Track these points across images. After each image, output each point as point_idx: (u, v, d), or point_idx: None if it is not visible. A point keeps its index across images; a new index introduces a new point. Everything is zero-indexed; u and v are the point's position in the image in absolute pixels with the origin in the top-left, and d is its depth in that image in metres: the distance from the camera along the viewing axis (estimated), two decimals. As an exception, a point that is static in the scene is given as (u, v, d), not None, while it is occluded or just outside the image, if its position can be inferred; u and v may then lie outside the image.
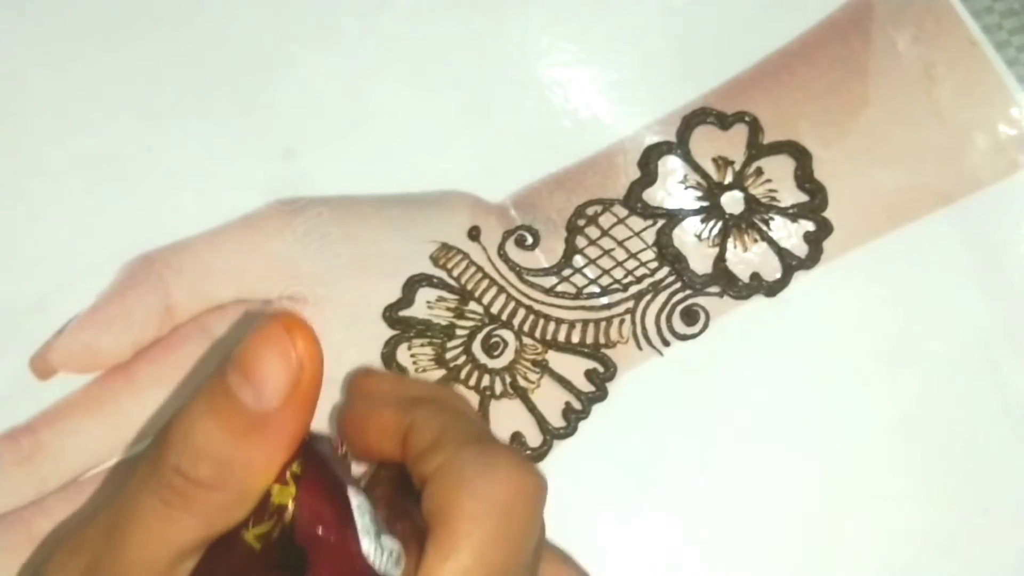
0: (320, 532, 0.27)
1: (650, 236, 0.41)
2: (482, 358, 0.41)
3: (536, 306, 0.41)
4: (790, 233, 0.41)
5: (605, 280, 0.41)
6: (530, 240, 0.41)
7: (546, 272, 0.41)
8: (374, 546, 0.27)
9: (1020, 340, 0.41)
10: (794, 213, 0.41)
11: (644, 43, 0.42)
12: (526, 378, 0.41)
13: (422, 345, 0.40)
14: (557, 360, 0.41)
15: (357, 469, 0.35)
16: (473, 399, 0.40)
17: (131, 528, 0.28)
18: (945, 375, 0.41)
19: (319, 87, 0.41)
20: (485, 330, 0.41)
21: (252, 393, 0.27)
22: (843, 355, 0.41)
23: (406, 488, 0.30)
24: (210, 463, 0.27)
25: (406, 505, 0.30)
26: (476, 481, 0.29)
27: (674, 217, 0.41)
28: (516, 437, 0.40)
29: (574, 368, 0.41)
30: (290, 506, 0.27)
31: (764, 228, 0.41)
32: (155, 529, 0.28)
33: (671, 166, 0.41)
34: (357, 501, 0.28)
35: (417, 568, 0.28)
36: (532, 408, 0.40)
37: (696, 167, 0.41)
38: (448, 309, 0.41)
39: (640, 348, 0.41)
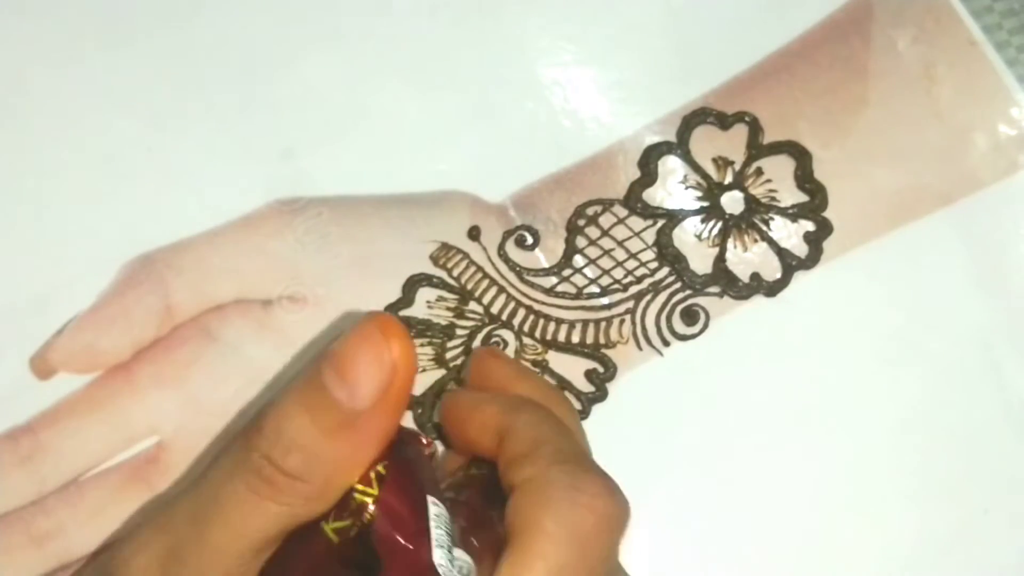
0: (396, 537, 0.27)
1: (650, 236, 0.41)
2: (482, 358, 0.41)
3: (536, 306, 0.41)
4: (790, 233, 0.41)
5: (605, 280, 0.41)
6: (530, 240, 0.41)
7: (546, 272, 0.41)
8: (446, 559, 0.27)
9: (1020, 340, 0.41)
10: (794, 213, 0.41)
11: (644, 43, 0.42)
12: (526, 378, 0.41)
13: (422, 345, 0.40)
14: (557, 360, 0.41)
15: (452, 461, 0.35)
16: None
17: (216, 513, 0.28)
18: (945, 375, 0.41)
19: (319, 87, 0.41)
20: (485, 330, 0.41)
21: (346, 392, 0.28)
22: (843, 355, 0.41)
23: (494, 493, 0.31)
24: (300, 455, 0.28)
25: (490, 513, 0.31)
26: (561, 503, 0.29)
27: (674, 217, 0.41)
28: (516, 437, 0.40)
29: (574, 368, 0.41)
30: (370, 506, 0.28)
31: (764, 228, 0.41)
32: (240, 515, 0.28)
33: (671, 166, 0.41)
34: (436, 510, 0.28)
35: None
36: (532, 408, 0.40)
37: (696, 167, 0.41)
38: (448, 309, 0.41)
39: (640, 348, 0.41)
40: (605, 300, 0.41)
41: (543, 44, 0.41)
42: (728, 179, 0.41)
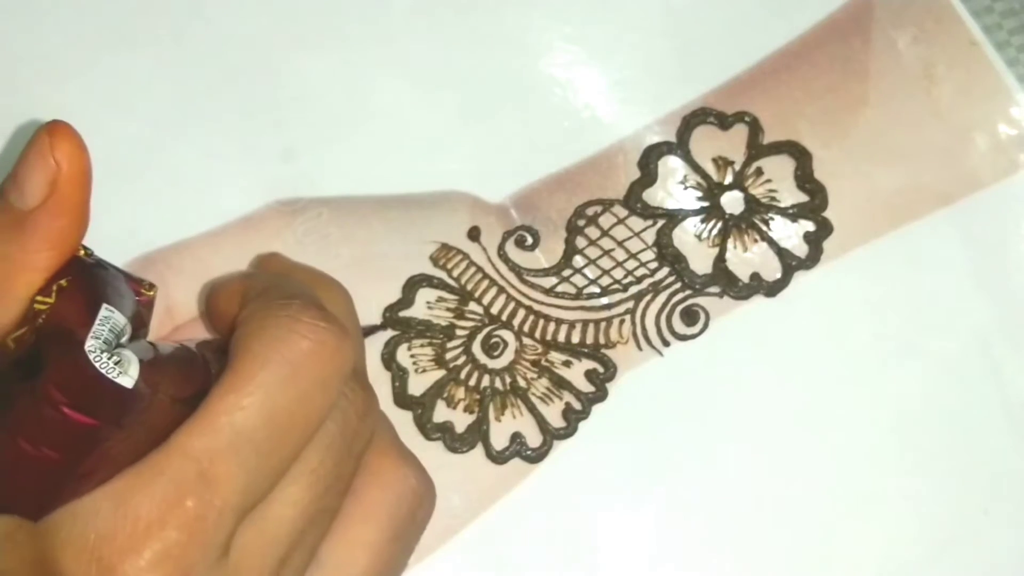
0: (56, 332, 0.28)
1: (650, 236, 0.41)
2: (482, 358, 0.41)
3: (536, 306, 0.41)
4: (790, 233, 0.41)
5: (605, 280, 0.41)
6: (530, 240, 0.41)
7: (546, 272, 0.41)
8: (100, 347, 0.27)
9: (1020, 340, 0.41)
10: (794, 213, 0.41)
11: (644, 43, 0.42)
12: (526, 378, 0.41)
13: (422, 345, 0.40)
14: (557, 360, 0.41)
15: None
16: (473, 399, 0.40)
17: None
18: (945, 375, 0.41)
19: (319, 87, 0.41)
20: (485, 330, 0.41)
21: (16, 193, 0.29)
22: (843, 355, 0.41)
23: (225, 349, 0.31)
24: None
25: (206, 354, 0.31)
26: (275, 329, 0.30)
27: (674, 217, 0.41)
28: (516, 437, 0.40)
29: (574, 368, 0.41)
30: (45, 313, 0.28)
31: (764, 228, 0.41)
32: None
33: (671, 166, 0.41)
34: (107, 314, 0.28)
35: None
36: (532, 408, 0.40)
37: (696, 167, 0.41)
38: (448, 309, 0.41)
39: (640, 348, 0.41)
40: (605, 300, 0.41)
41: (543, 44, 0.41)
42: (728, 179, 0.41)
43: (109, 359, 0.27)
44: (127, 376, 0.27)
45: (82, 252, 0.30)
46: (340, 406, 0.31)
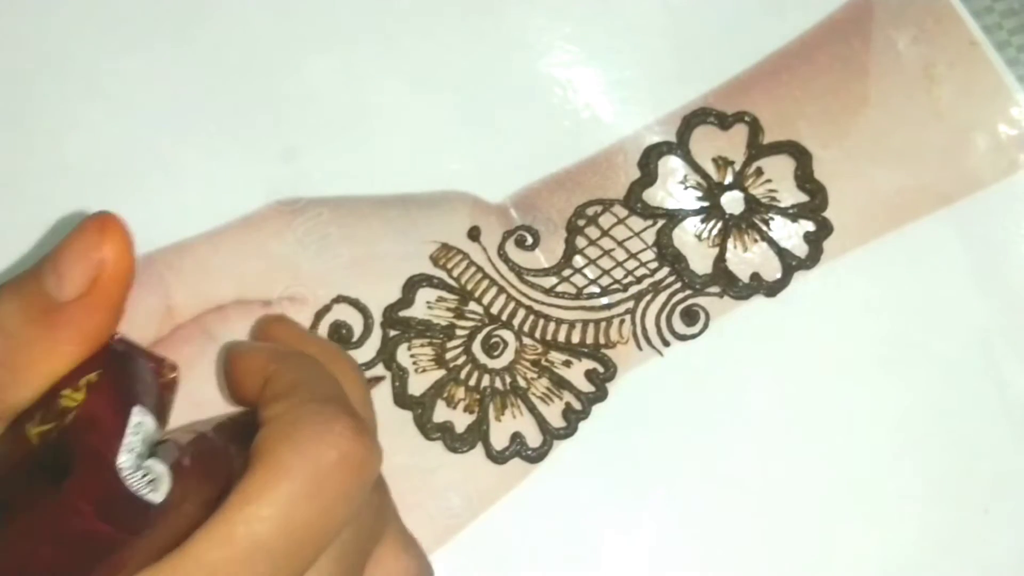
0: (87, 438, 0.27)
1: (650, 236, 0.41)
2: (482, 358, 0.41)
3: (536, 306, 0.41)
4: (790, 233, 0.41)
5: (605, 280, 0.41)
6: (530, 240, 0.41)
7: (546, 272, 0.41)
8: (133, 463, 0.27)
9: (1020, 340, 0.41)
10: (794, 213, 0.41)
11: (644, 43, 0.42)
12: (526, 378, 0.41)
13: (422, 345, 0.40)
14: (557, 360, 0.41)
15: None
16: (473, 399, 0.40)
17: None
18: (945, 375, 0.41)
19: (319, 87, 0.41)
20: (485, 330, 0.41)
21: (54, 281, 0.28)
22: (843, 355, 0.41)
23: (248, 436, 0.30)
24: (1, 337, 0.28)
25: (230, 447, 0.30)
26: (303, 436, 0.29)
27: (674, 217, 0.41)
28: (516, 437, 0.40)
29: (574, 368, 0.41)
30: (73, 411, 0.28)
31: (764, 228, 0.41)
32: None
33: (671, 166, 0.41)
34: (139, 420, 0.28)
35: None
36: (532, 408, 0.40)
37: (696, 167, 0.41)
38: (448, 309, 0.41)
39: (640, 348, 0.41)
40: (605, 300, 0.41)
41: (543, 44, 0.41)
42: (728, 179, 0.41)
43: (141, 477, 0.27)
44: (156, 493, 0.27)
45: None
46: (359, 513, 0.30)
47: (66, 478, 0.26)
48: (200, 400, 0.39)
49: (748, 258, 0.41)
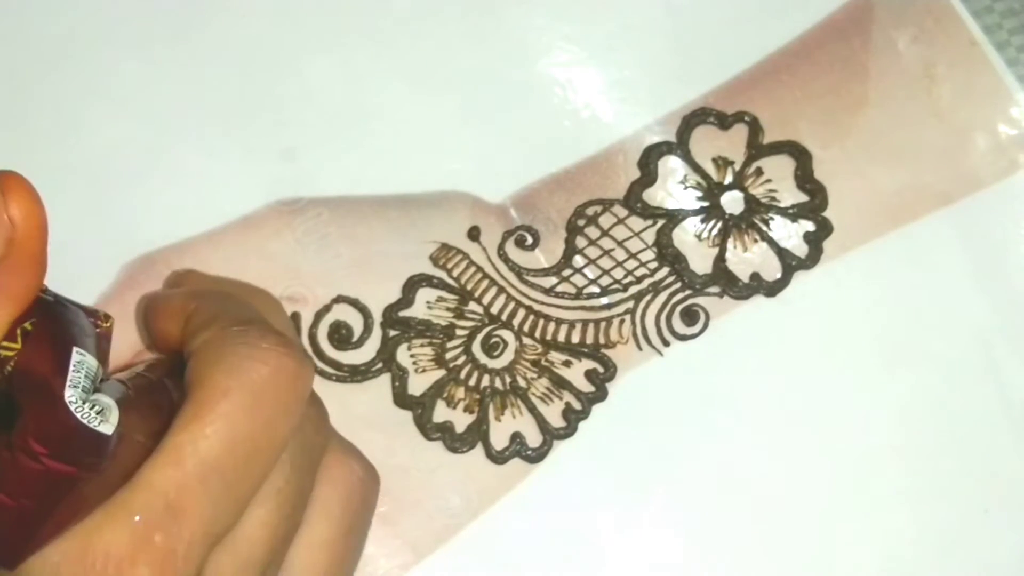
0: (31, 381, 0.27)
1: (650, 236, 0.41)
2: (482, 358, 0.41)
3: (536, 306, 0.41)
4: (790, 233, 0.41)
5: (605, 280, 0.41)
6: (530, 240, 0.41)
7: (546, 272, 0.41)
8: (80, 397, 0.27)
9: (1020, 340, 0.41)
10: (794, 213, 0.41)
11: (644, 43, 0.42)
12: (526, 378, 0.41)
13: (422, 345, 0.40)
14: (557, 360, 0.41)
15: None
16: (473, 399, 0.40)
17: None
18: (945, 375, 0.41)
19: (319, 88, 0.41)
20: (485, 330, 0.41)
21: None
22: (843, 355, 0.41)
23: (180, 373, 0.31)
24: None
25: (165, 381, 0.31)
26: (232, 357, 0.29)
27: (674, 217, 0.41)
28: (516, 437, 0.40)
29: (574, 368, 0.41)
30: (12, 360, 0.28)
31: (764, 228, 0.41)
32: None
33: (671, 166, 0.41)
34: (79, 358, 0.28)
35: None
36: (532, 408, 0.40)
37: (696, 167, 0.41)
38: (448, 309, 0.41)
39: (640, 348, 0.41)
40: (605, 300, 0.41)
41: (543, 44, 0.41)
42: (728, 179, 0.41)
43: (90, 408, 0.27)
44: (108, 424, 0.27)
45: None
46: (302, 426, 0.31)
47: (15, 423, 0.26)
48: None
49: (748, 258, 0.41)
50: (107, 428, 0.27)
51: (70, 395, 0.27)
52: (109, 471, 0.28)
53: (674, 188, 0.41)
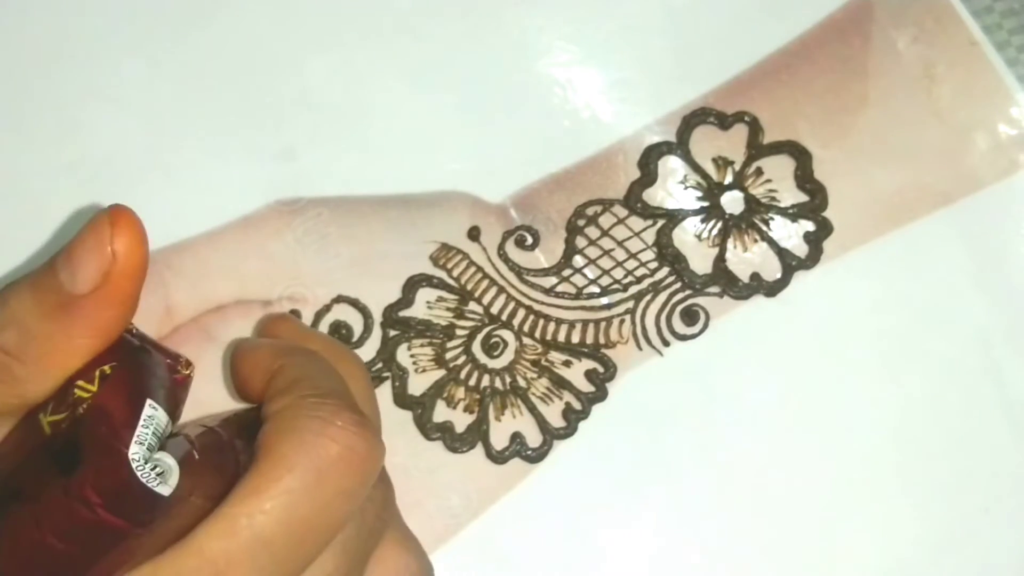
0: (100, 429, 0.27)
1: (650, 236, 0.41)
2: (482, 358, 0.41)
3: (536, 306, 0.41)
4: (790, 233, 0.41)
5: (605, 280, 0.41)
6: (530, 240, 0.41)
7: (546, 272, 0.41)
8: (144, 456, 0.27)
9: (1020, 340, 0.41)
10: (794, 213, 0.41)
11: (644, 43, 0.42)
12: (526, 378, 0.41)
13: (422, 345, 0.40)
14: (557, 360, 0.41)
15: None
16: (473, 399, 0.40)
17: None
18: (945, 375, 0.41)
19: (319, 87, 0.41)
20: (485, 330, 0.41)
21: (68, 274, 0.28)
22: (843, 355, 0.41)
23: (253, 431, 0.30)
24: (16, 331, 0.28)
25: (235, 441, 0.31)
26: (305, 431, 0.29)
27: (674, 217, 0.41)
28: (516, 437, 0.40)
29: (574, 368, 0.41)
30: (86, 402, 0.28)
31: (764, 228, 0.41)
32: None
33: (671, 166, 0.41)
34: (151, 413, 0.28)
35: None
36: (532, 408, 0.40)
37: (696, 167, 0.41)
38: (448, 309, 0.41)
39: (640, 348, 0.41)
40: (605, 300, 0.41)
41: (543, 44, 0.41)
42: (728, 179, 0.41)
43: (152, 469, 0.27)
44: (166, 486, 0.27)
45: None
46: (362, 508, 0.30)
47: (76, 468, 0.26)
48: (201, 398, 0.39)
49: (748, 258, 0.41)
50: (165, 490, 0.27)
51: (134, 452, 0.27)
52: (161, 528, 0.27)
53: (674, 188, 0.41)
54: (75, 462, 0.26)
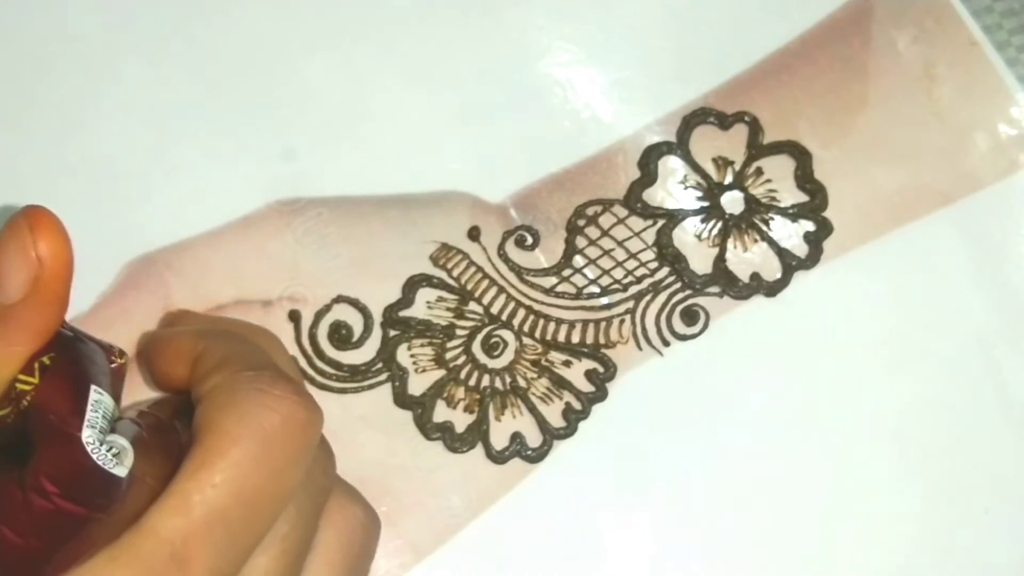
0: (48, 418, 0.27)
1: (650, 236, 0.41)
2: (482, 358, 0.41)
3: (536, 306, 0.41)
4: (790, 233, 0.41)
5: (605, 280, 0.41)
6: (530, 240, 0.41)
7: (546, 272, 0.41)
8: (98, 439, 0.27)
9: (1020, 340, 0.41)
10: (794, 213, 0.41)
11: (644, 43, 0.42)
12: (526, 378, 0.41)
13: (422, 345, 0.40)
14: (557, 360, 0.41)
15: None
16: (473, 399, 0.40)
17: None
18: (945, 375, 0.41)
19: (319, 87, 0.41)
20: (485, 330, 0.41)
21: None
22: (843, 355, 0.41)
23: (188, 413, 0.31)
24: None
25: (175, 422, 0.31)
26: (244, 403, 0.29)
27: (674, 217, 0.41)
28: (516, 437, 0.40)
29: (574, 368, 0.41)
30: (29, 394, 0.28)
31: (764, 228, 0.41)
32: None
33: (671, 166, 0.41)
34: (97, 397, 0.28)
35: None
36: (532, 408, 0.41)
37: (696, 167, 0.41)
38: (448, 309, 0.41)
39: (640, 348, 0.41)
40: (605, 300, 0.41)
41: (543, 44, 0.41)
42: (728, 179, 0.41)
43: (107, 451, 0.27)
44: (122, 466, 0.27)
45: None
46: (309, 470, 0.31)
47: (29, 460, 0.26)
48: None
49: (748, 258, 0.41)
50: (121, 471, 0.27)
51: (87, 436, 0.27)
52: (118, 512, 0.27)
53: (674, 188, 0.41)
54: (26, 454, 0.26)
